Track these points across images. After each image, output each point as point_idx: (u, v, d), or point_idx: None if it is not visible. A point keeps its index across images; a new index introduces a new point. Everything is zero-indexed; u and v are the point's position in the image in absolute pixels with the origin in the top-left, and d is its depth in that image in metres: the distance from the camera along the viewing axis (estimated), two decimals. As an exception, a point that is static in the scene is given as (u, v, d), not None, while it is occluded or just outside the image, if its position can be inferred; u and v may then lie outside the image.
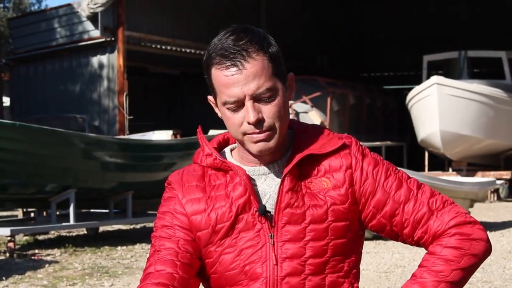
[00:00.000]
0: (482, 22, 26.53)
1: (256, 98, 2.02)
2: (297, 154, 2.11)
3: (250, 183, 2.10)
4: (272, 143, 2.06)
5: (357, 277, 2.17)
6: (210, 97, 2.15)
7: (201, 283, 2.17)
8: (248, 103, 2.02)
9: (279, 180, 2.10)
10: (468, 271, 2.10)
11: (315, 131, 2.19)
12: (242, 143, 2.10)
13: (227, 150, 2.22)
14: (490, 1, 26.62)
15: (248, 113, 2.01)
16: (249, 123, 2.02)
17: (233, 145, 2.23)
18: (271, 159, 2.13)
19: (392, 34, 28.07)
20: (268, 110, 2.03)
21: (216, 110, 2.14)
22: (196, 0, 20.19)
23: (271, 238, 2.08)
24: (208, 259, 2.12)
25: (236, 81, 2.01)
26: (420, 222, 2.13)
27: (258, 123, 2.02)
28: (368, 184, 2.13)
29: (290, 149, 2.14)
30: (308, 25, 25.15)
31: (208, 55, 2.07)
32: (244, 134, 2.05)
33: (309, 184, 2.11)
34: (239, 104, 2.03)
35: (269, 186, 2.12)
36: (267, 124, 2.03)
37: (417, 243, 2.16)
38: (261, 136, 2.04)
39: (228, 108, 2.05)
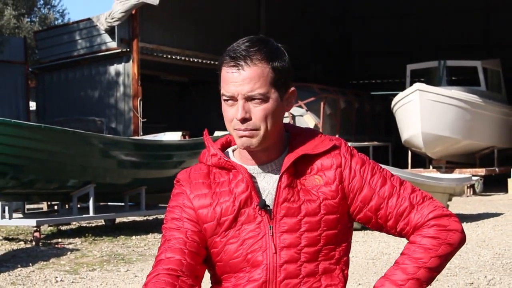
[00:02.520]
0: (458, 36, 26.52)
1: (248, 99, 2.03)
2: (293, 154, 2.12)
3: (251, 180, 2.11)
4: (255, 141, 2.07)
5: (347, 264, 2.18)
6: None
7: (206, 270, 2.18)
8: (240, 102, 2.03)
9: (277, 177, 2.11)
10: (445, 258, 2.11)
11: (309, 134, 2.20)
12: (235, 139, 2.11)
13: (229, 150, 2.23)
14: (461, 21, 26.69)
15: (237, 110, 2.03)
16: (236, 119, 2.04)
17: (235, 146, 2.23)
18: (267, 159, 2.14)
19: (378, 47, 28.05)
20: (257, 112, 2.05)
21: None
22: (202, 15, 20.18)
23: (270, 229, 2.08)
24: (214, 248, 2.12)
25: (234, 80, 2.03)
26: (402, 215, 2.14)
27: (244, 121, 2.04)
28: (356, 181, 2.14)
29: (287, 149, 2.15)
30: (304, 38, 25.13)
31: (223, 55, 2.09)
32: (234, 129, 2.07)
33: (304, 181, 2.12)
34: (233, 100, 2.05)
35: (268, 183, 2.13)
36: (252, 123, 2.04)
37: (400, 234, 2.18)
38: (245, 133, 2.05)
39: (224, 101, 2.07)
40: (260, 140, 2.07)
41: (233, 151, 2.23)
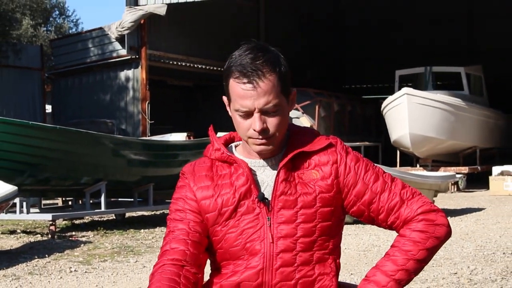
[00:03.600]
0: (443, 43, 26.52)
1: (263, 111, 2.03)
2: (291, 151, 2.12)
3: (251, 174, 2.10)
4: (271, 147, 2.08)
5: (339, 254, 2.18)
6: (225, 98, 2.14)
7: (208, 258, 2.17)
8: (256, 115, 2.03)
9: (275, 171, 2.11)
10: (432, 251, 2.11)
11: (307, 132, 2.20)
12: (246, 142, 2.11)
13: (233, 145, 2.23)
14: (446, 29, 26.71)
15: (255, 122, 2.03)
16: (254, 131, 2.03)
17: (237, 142, 2.23)
18: (270, 154, 2.13)
19: (369, 54, 28.06)
20: (272, 122, 2.05)
21: (228, 109, 2.14)
22: (206, 24, 20.18)
23: (268, 220, 2.08)
24: (215, 237, 2.11)
25: (250, 95, 2.01)
26: (393, 210, 2.13)
27: (263, 132, 2.04)
28: (350, 177, 2.14)
29: (286, 146, 2.15)
30: (301, 45, 25.13)
31: (228, 67, 2.06)
32: (249, 137, 2.06)
33: (301, 175, 2.12)
34: (248, 113, 2.04)
35: (267, 176, 2.12)
36: (269, 133, 2.05)
37: (390, 227, 2.17)
38: (263, 141, 2.06)
39: (239, 115, 2.05)
40: (275, 144, 2.09)
41: (235, 146, 2.23)
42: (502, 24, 26.10)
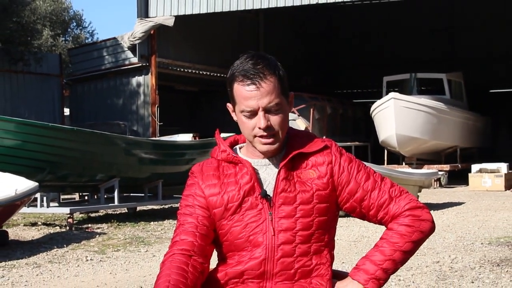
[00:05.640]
0: (427, 52, 26.53)
1: (267, 110, 2.04)
2: (291, 152, 2.13)
3: (255, 173, 2.11)
4: (275, 145, 2.09)
5: (333, 246, 2.19)
6: (229, 104, 2.14)
7: (214, 249, 2.18)
8: (261, 113, 2.04)
9: (277, 170, 2.11)
10: (417, 244, 2.12)
11: (304, 135, 2.21)
12: (251, 143, 2.11)
13: (237, 147, 2.23)
14: (429, 39, 26.73)
15: (260, 120, 2.04)
16: (260, 128, 2.04)
17: (241, 144, 2.24)
18: (271, 154, 2.14)
19: (359, 62, 28.05)
20: (275, 120, 2.06)
21: (233, 115, 2.14)
22: (210, 35, 20.16)
23: (270, 215, 2.08)
24: (221, 230, 2.12)
25: (254, 95, 2.02)
26: (382, 206, 2.14)
27: (267, 129, 2.04)
28: (344, 176, 2.14)
29: (285, 147, 2.15)
30: (297, 54, 25.12)
31: (232, 73, 2.07)
32: (255, 136, 2.06)
33: (300, 174, 2.12)
34: (253, 113, 2.04)
35: (268, 175, 2.12)
36: (273, 130, 2.05)
37: (380, 222, 2.18)
38: (268, 140, 2.06)
39: (244, 115, 2.06)
40: (279, 143, 2.09)
41: (239, 148, 2.23)
42: (479, 36, 26.20)
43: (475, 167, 16.92)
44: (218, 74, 19.92)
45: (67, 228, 9.04)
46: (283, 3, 16.38)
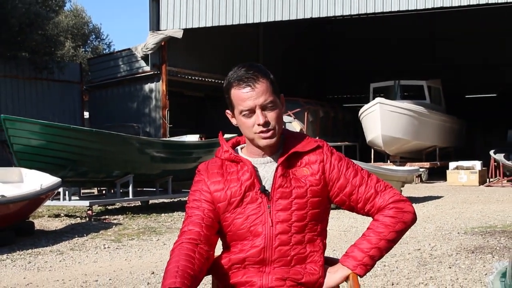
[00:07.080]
0: (409, 60, 26.52)
1: (263, 108, 2.04)
2: (287, 152, 2.13)
3: (254, 170, 2.11)
4: (274, 140, 2.09)
5: (325, 236, 2.19)
6: (228, 111, 2.14)
7: (219, 239, 2.18)
8: (258, 111, 2.04)
9: (274, 168, 2.11)
10: (400, 233, 2.13)
11: (299, 136, 2.21)
12: (252, 141, 2.11)
13: (238, 148, 2.23)
14: (412, 49, 26.70)
15: (258, 117, 2.04)
16: (259, 124, 2.04)
17: (242, 145, 2.24)
18: (269, 153, 2.14)
19: (349, 68, 28.04)
20: (271, 116, 2.06)
21: (232, 120, 2.14)
22: (214, 46, 20.15)
23: (268, 208, 2.08)
24: (225, 222, 2.12)
25: (250, 96, 2.03)
26: (369, 200, 2.14)
27: (265, 124, 2.05)
28: (334, 173, 2.14)
29: (282, 147, 2.16)
30: (293, 63, 25.12)
31: (228, 81, 2.08)
32: (255, 133, 2.07)
33: (295, 171, 2.12)
34: (251, 112, 2.05)
35: (267, 172, 2.13)
36: (271, 125, 2.06)
37: (367, 214, 2.18)
38: (268, 134, 2.06)
39: (243, 115, 2.06)
40: (277, 138, 2.09)
41: (241, 148, 2.23)
42: (456, 47, 26.22)
43: (452, 164, 16.94)
44: (222, 81, 19.86)
45: (87, 219, 9.05)
46: (281, 17, 16.37)
